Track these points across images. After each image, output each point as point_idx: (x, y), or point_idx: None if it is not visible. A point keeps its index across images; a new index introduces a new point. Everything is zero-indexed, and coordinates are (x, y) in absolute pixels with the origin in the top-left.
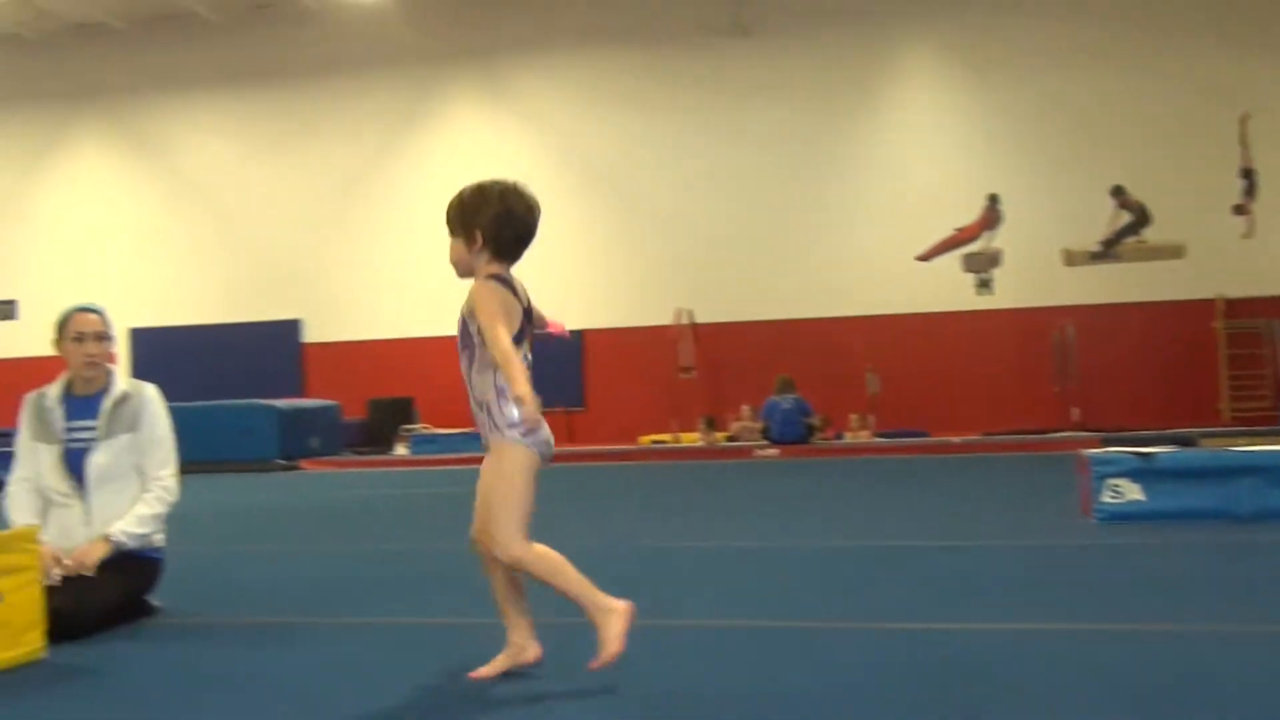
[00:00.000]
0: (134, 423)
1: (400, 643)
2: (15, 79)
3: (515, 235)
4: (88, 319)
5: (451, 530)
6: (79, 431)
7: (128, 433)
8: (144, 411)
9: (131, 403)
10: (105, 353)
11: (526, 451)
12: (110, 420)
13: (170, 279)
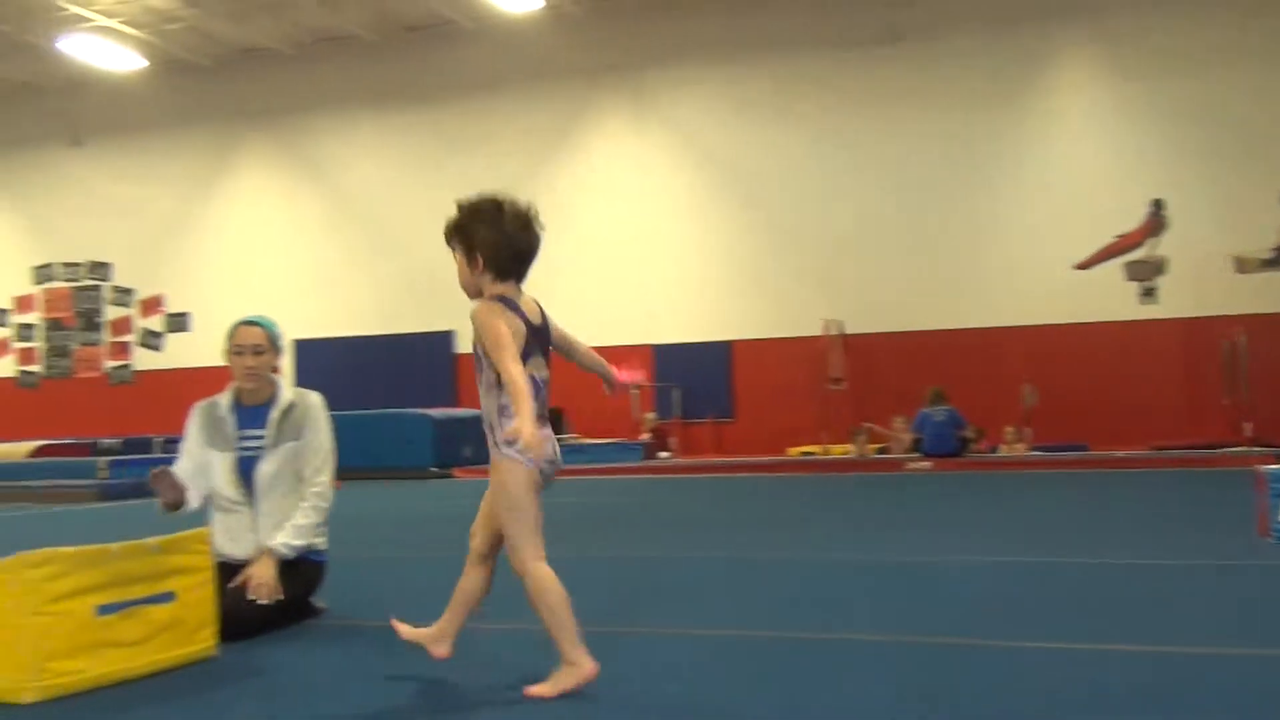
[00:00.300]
0: (299, 431)
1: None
2: (188, 102)
3: (513, 254)
4: (249, 332)
5: (599, 539)
6: (249, 440)
7: (293, 441)
8: (308, 420)
9: (297, 412)
10: (265, 365)
11: (524, 469)
12: (278, 430)
13: (330, 292)
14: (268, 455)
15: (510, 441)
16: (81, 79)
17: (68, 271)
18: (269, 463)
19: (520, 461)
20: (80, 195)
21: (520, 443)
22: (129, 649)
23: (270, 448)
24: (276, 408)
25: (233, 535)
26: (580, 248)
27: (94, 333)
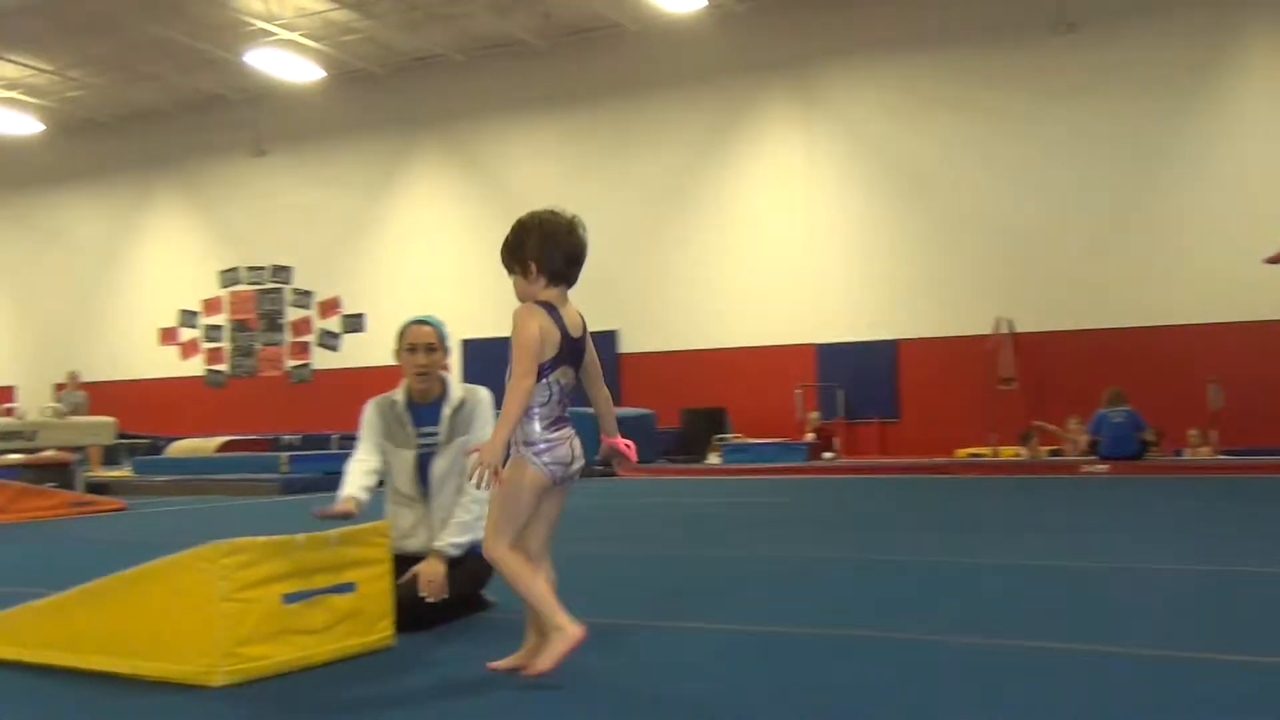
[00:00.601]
0: (467, 426)
1: (727, 649)
2: (364, 110)
3: (564, 257)
4: (420, 331)
5: (767, 539)
6: (425, 438)
7: (462, 436)
8: (475, 415)
9: (466, 408)
10: (436, 363)
11: (535, 471)
12: (450, 426)
13: (498, 293)
14: (441, 451)
15: (531, 442)
16: (265, 90)
17: (252, 275)
18: (443, 459)
19: (534, 464)
20: (263, 201)
21: (479, 456)
22: (312, 636)
23: (444, 444)
24: (448, 404)
25: (408, 530)
26: (744, 246)
27: (276, 333)
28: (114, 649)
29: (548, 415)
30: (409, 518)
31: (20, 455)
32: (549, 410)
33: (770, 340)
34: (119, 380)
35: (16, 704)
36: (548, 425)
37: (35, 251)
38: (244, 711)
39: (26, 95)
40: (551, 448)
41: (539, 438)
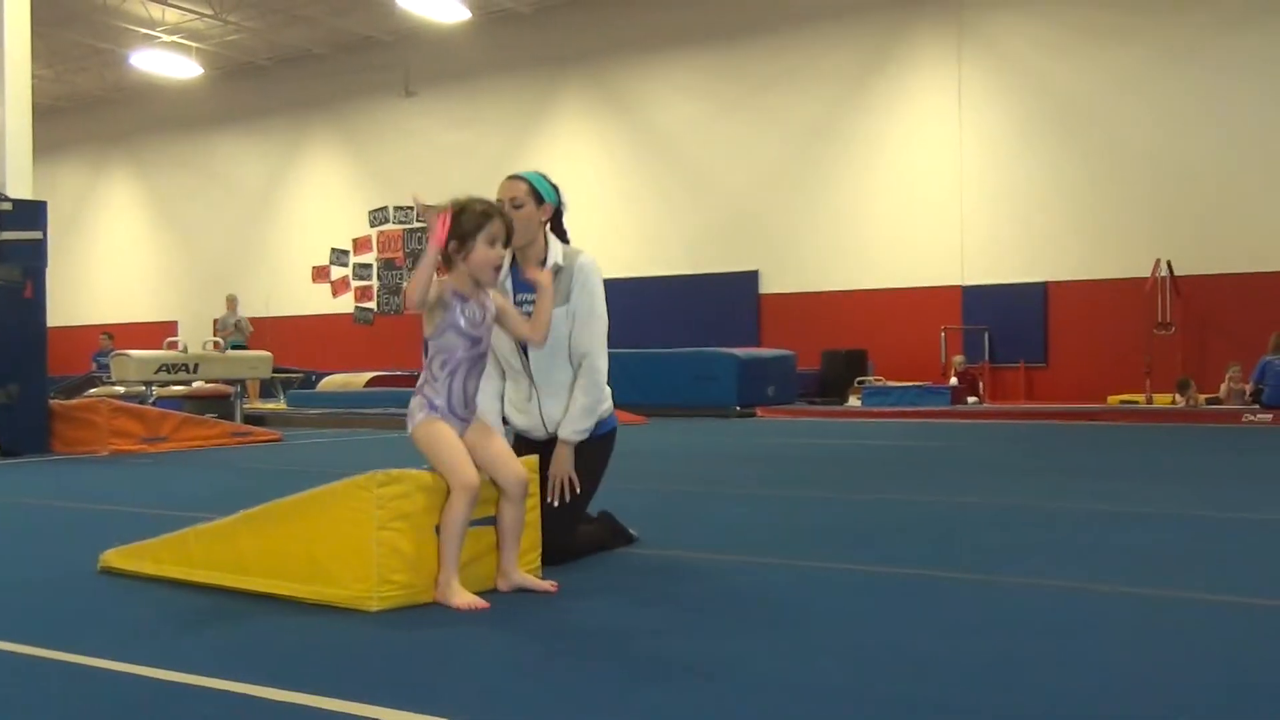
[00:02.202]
0: (566, 294)
1: (870, 589)
2: (509, 49)
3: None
4: (507, 186)
5: (908, 483)
6: (524, 305)
7: (562, 304)
8: (575, 282)
9: (565, 274)
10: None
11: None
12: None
13: (640, 232)
14: None
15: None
16: (414, 31)
17: (399, 214)
18: None
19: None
20: (411, 141)
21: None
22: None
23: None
24: (546, 269)
25: (517, 404)
26: (890, 185)
27: None
28: (276, 572)
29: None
30: (517, 391)
31: (183, 387)
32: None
33: (914, 282)
34: (274, 316)
35: (188, 621)
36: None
37: (196, 191)
38: (398, 636)
39: (188, 40)
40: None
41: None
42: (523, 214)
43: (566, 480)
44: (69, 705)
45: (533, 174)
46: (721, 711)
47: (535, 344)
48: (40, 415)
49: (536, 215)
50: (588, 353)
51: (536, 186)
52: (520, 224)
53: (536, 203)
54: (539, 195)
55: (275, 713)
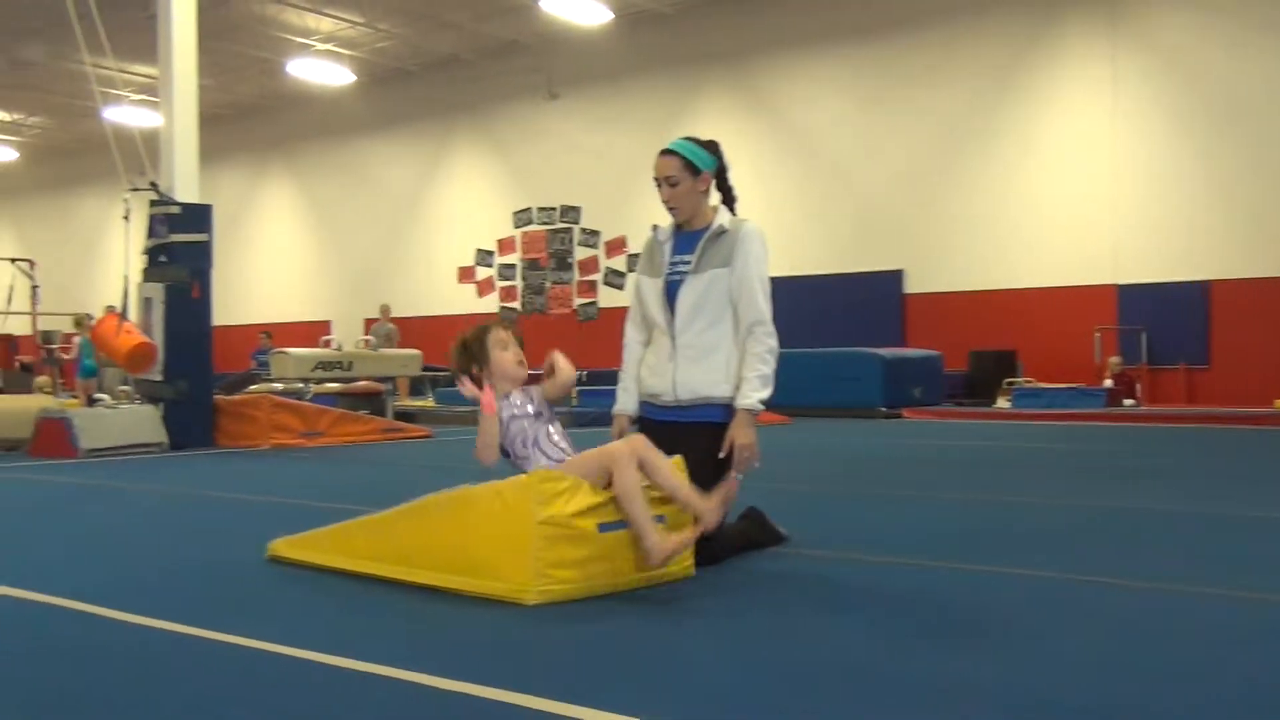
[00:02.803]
0: (727, 258)
1: (1038, 594)
2: (651, 50)
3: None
4: (660, 164)
5: (1065, 486)
6: (679, 266)
7: (721, 267)
8: (738, 248)
9: (727, 238)
10: (683, 195)
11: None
12: (703, 255)
13: (780, 231)
14: (690, 281)
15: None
16: (557, 35)
17: (543, 215)
18: (690, 289)
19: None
20: (554, 143)
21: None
22: (619, 563)
23: (693, 273)
24: (709, 233)
25: (655, 367)
26: (1039, 181)
27: (565, 272)
28: (437, 564)
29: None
30: (658, 353)
31: (337, 384)
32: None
33: (1066, 280)
34: (421, 316)
35: (353, 609)
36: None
37: (347, 194)
38: (555, 630)
39: (341, 48)
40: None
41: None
42: (680, 190)
43: (747, 451)
44: (243, 687)
45: (682, 143)
46: (887, 714)
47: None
48: (206, 410)
49: (695, 186)
50: (759, 320)
51: (689, 157)
52: (679, 199)
53: (692, 174)
54: (693, 166)
55: (439, 700)
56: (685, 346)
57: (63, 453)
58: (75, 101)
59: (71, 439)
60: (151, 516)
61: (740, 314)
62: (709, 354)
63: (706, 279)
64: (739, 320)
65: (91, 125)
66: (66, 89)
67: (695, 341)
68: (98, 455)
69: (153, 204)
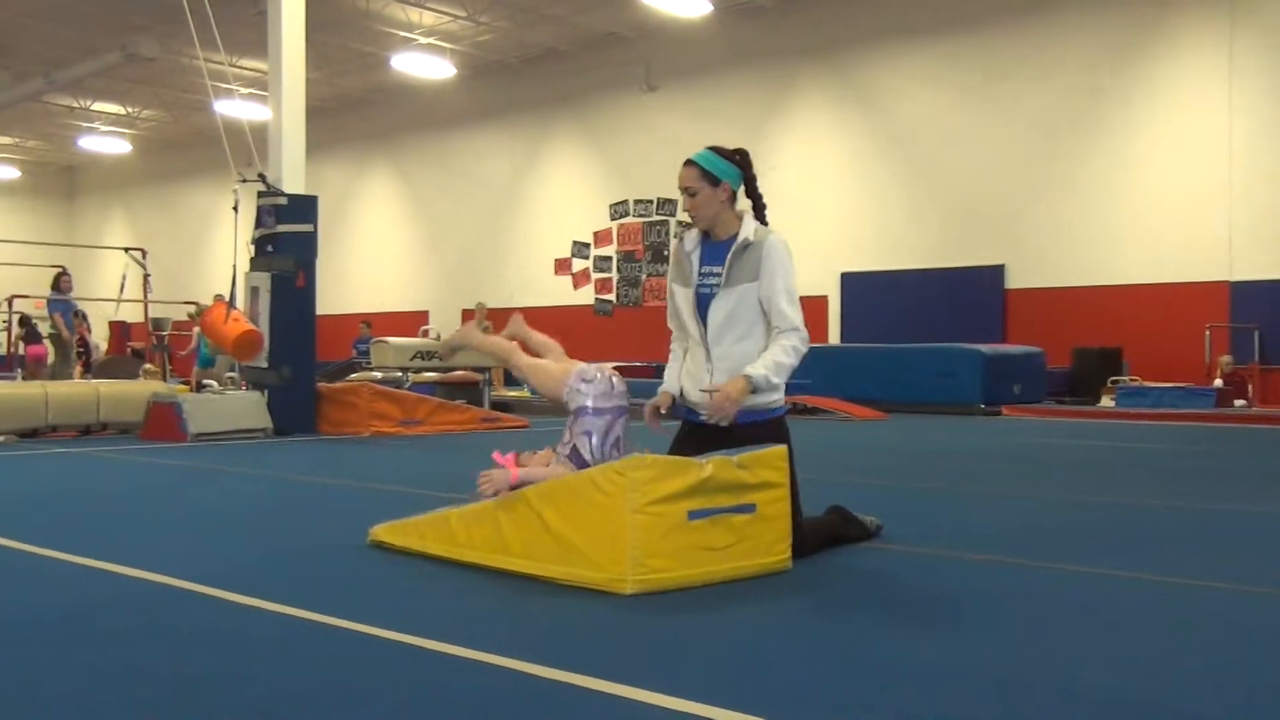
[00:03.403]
0: (755, 272)
1: (1133, 596)
2: (749, 42)
3: None
4: (681, 174)
5: (1170, 488)
6: (709, 277)
7: (750, 281)
8: (764, 261)
9: (753, 251)
10: (703, 205)
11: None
12: (731, 269)
13: (878, 225)
14: (721, 295)
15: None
16: (656, 27)
17: (639, 208)
18: (722, 303)
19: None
20: (651, 136)
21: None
22: (714, 553)
23: (724, 287)
24: (735, 245)
25: (693, 372)
26: (1146, 174)
27: (661, 264)
28: (533, 553)
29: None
30: (695, 361)
31: (434, 373)
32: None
33: (1174, 277)
34: (518, 307)
35: (452, 596)
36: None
37: (447, 186)
38: (651, 620)
39: (443, 41)
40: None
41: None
42: (699, 200)
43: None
44: (348, 671)
45: (703, 154)
46: (978, 715)
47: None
48: (309, 397)
49: (714, 196)
50: (795, 327)
51: (707, 168)
52: (698, 208)
53: (711, 184)
54: (712, 177)
55: (537, 687)
56: (720, 359)
57: (172, 436)
58: (186, 95)
59: (181, 424)
60: (258, 501)
61: (771, 320)
62: (743, 366)
63: (737, 294)
64: (770, 327)
65: (202, 118)
66: (179, 83)
67: (729, 353)
68: (205, 439)
69: (261, 195)
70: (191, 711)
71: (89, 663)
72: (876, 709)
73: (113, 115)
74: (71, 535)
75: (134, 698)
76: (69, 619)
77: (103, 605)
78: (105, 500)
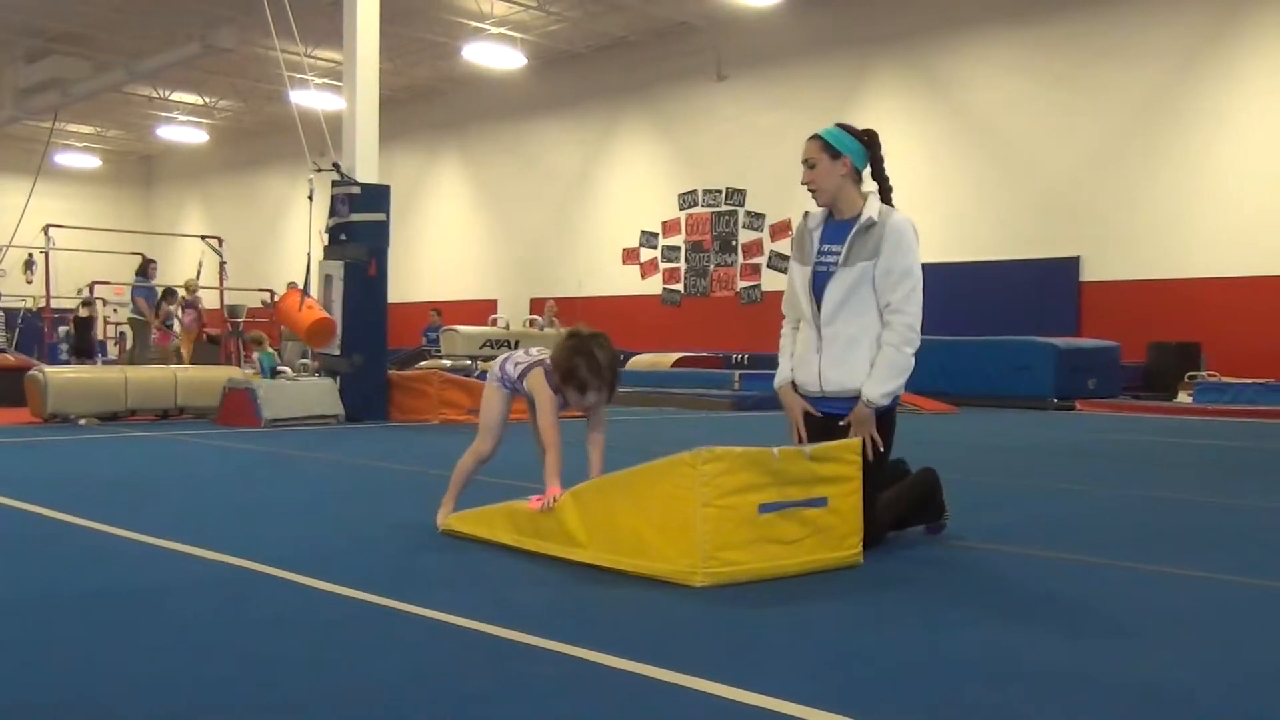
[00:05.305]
0: (875, 250)
1: (1213, 597)
2: (821, 30)
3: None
4: (805, 147)
5: (1250, 487)
6: (827, 256)
7: (867, 261)
8: (885, 240)
9: (876, 230)
10: (823, 177)
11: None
12: (851, 247)
13: (952, 215)
14: (838, 274)
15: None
16: (727, 15)
17: (708, 198)
18: (838, 283)
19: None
20: (721, 126)
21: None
22: (785, 547)
23: (842, 265)
24: (858, 224)
25: (802, 357)
26: (1228, 164)
27: (729, 255)
28: (602, 544)
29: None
30: (805, 342)
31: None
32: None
33: (1258, 270)
34: (586, 297)
35: (522, 585)
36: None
37: (516, 176)
38: (721, 613)
39: (513, 31)
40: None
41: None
42: (817, 171)
43: (869, 439)
44: (421, 657)
45: (830, 129)
46: (1062, 716)
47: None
48: (380, 385)
49: (833, 170)
50: (900, 310)
51: (830, 141)
52: (817, 180)
53: (831, 157)
54: (833, 149)
55: (608, 677)
56: (830, 339)
57: (247, 422)
58: (262, 85)
59: (255, 409)
60: (331, 486)
61: (881, 304)
62: (853, 346)
63: (855, 272)
64: (880, 309)
65: (277, 108)
66: (255, 73)
67: (840, 333)
68: (279, 425)
69: (335, 184)
70: (260, 690)
71: (159, 639)
72: (952, 709)
73: (190, 105)
74: (147, 517)
75: (203, 675)
76: (141, 597)
77: (175, 585)
78: (181, 483)
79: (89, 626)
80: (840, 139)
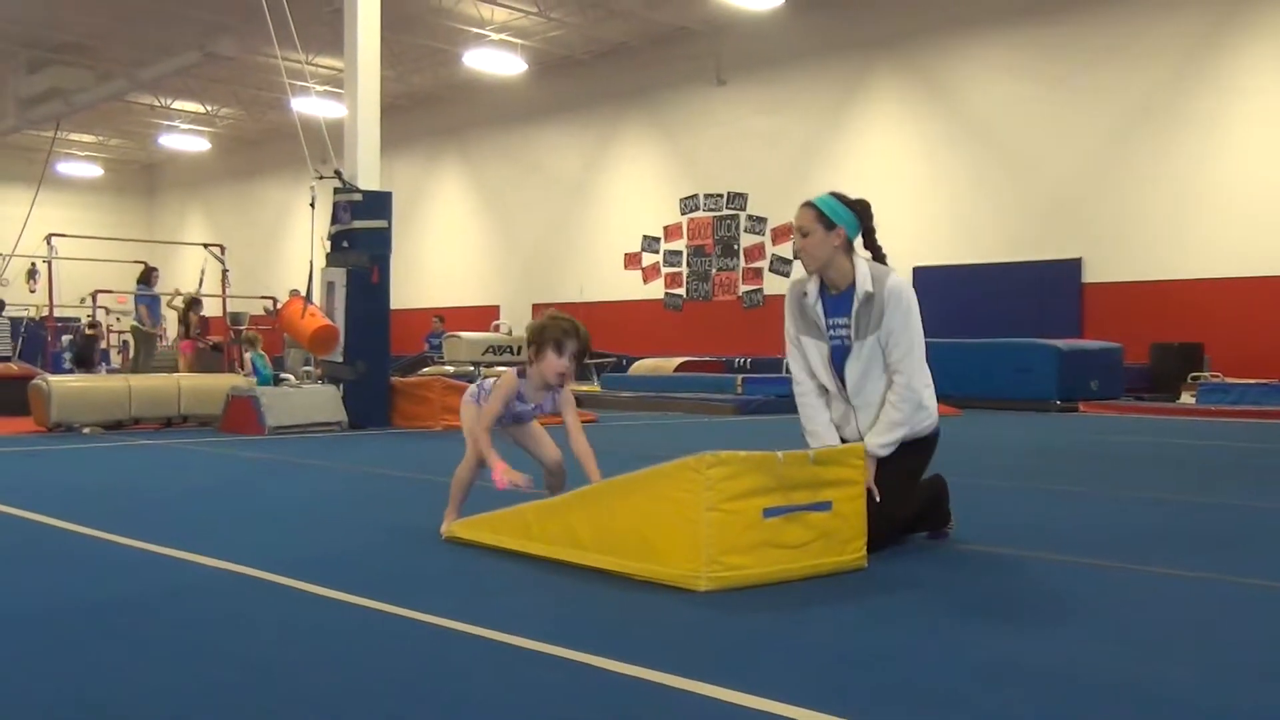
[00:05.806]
0: (879, 321)
1: (1220, 599)
2: (820, 35)
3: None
4: (798, 214)
5: (1251, 488)
6: (838, 329)
7: (875, 332)
8: (886, 306)
9: (876, 301)
10: (815, 247)
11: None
12: (859, 322)
13: (952, 218)
14: (855, 351)
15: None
16: (726, 20)
17: (709, 202)
18: (856, 360)
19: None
20: (722, 130)
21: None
22: (790, 551)
23: (855, 339)
24: (856, 297)
25: (838, 421)
26: (1230, 166)
27: (731, 259)
28: (608, 548)
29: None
30: (838, 408)
31: (506, 367)
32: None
33: (1260, 270)
34: (587, 302)
35: (524, 590)
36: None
37: (517, 181)
38: (725, 617)
39: (514, 37)
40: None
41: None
42: (810, 241)
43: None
44: (426, 663)
45: (824, 198)
46: (1061, 718)
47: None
48: (383, 391)
49: (826, 240)
50: (898, 369)
51: (824, 211)
52: (809, 250)
53: (825, 228)
54: (827, 220)
55: (611, 682)
56: (862, 407)
57: (250, 429)
58: (263, 93)
59: (259, 417)
60: (334, 493)
61: (889, 366)
62: (879, 403)
63: (868, 345)
64: (887, 369)
65: (278, 116)
66: (256, 81)
67: (870, 400)
68: (282, 432)
69: (336, 191)
70: (265, 696)
71: (163, 646)
72: (958, 711)
73: (192, 113)
74: (151, 525)
75: (206, 681)
76: (146, 604)
77: (180, 592)
78: (184, 491)
79: (93, 634)
80: (835, 210)
